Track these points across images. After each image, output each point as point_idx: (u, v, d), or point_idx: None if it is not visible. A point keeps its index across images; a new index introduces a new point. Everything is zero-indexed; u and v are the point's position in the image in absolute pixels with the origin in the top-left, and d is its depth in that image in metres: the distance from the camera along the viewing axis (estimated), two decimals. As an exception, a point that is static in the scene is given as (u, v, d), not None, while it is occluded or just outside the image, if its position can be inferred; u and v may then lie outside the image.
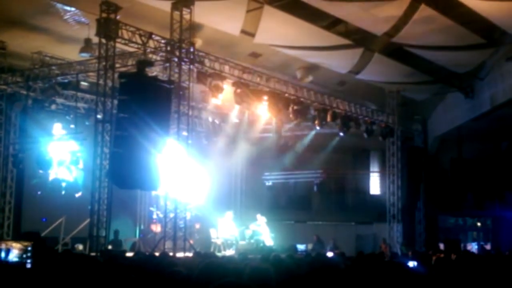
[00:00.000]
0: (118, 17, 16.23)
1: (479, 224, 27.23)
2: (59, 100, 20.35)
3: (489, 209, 25.12)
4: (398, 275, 6.32)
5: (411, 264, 11.29)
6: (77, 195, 21.09)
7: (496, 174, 23.38)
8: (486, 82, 21.48)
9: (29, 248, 13.69)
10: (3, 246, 14.80)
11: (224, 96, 19.11)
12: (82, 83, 20.20)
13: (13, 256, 14.18)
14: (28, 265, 13.41)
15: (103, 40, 16.28)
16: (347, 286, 5.56)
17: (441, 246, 21.26)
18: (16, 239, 16.81)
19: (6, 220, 20.03)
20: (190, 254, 15.65)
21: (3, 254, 14.28)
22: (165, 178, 16.91)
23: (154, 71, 18.04)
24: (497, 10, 17.07)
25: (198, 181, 21.85)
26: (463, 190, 24.13)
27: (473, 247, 25.89)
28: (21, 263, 13.44)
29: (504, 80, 20.51)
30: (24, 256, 13.83)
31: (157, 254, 12.41)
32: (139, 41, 16.90)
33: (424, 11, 16.86)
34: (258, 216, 21.75)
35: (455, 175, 24.48)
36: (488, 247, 25.34)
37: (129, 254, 15.48)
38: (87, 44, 17.97)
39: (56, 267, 8.63)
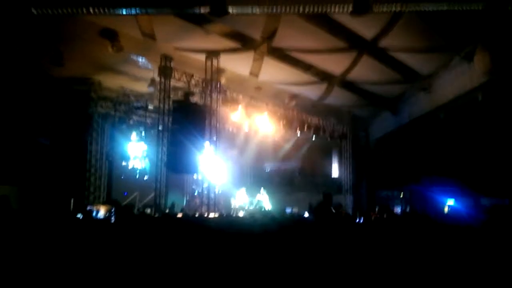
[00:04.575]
0: (172, 64, 16.39)
1: (401, 195, 27.01)
2: (135, 117, 20.42)
3: (407, 185, 24.91)
4: (349, 226, 6.39)
5: (358, 220, 11.37)
6: (145, 178, 21.13)
7: (413, 163, 23.16)
8: (407, 104, 21.41)
9: (113, 210, 13.63)
10: (95, 208, 14.82)
11: (239, 114, 19.24)
12: (149, 106, 20.31)
13: (101, 215, 14.17)
14: (112, 220, 13.39)
15: (162, 79, 16.43)
16: (314, 232, 5.63)
17: (377, 209, 21.13)
18: (103, 204, 16.81)
19: (102, 194, 20.15)
20: (217, 215, 15.71)
21: (94, 213, 14.29)
22: (202, 167, 17.02)
23: (195, 99, 18.16)
24: (412, 59, 17.14)
25: (222, 168, 21.86)
26: (391, 173, 23.97)
27: (397, 210, 25.77)
28: (106, 219, 13.42)
29: (417, 102, 20.48)
30: (107, 215, 13.78)
31: (196, 215, 12.49)
32: (185, 79, 17.05)
33: (366, 59, 16.92)
34: (261, 190, 21.74)
35: (386, 164, 24.36)
36: (407, 210, 25.17)
37: (179, 215, 15.53)
38: (152, 82, 18.08)
39: (131, 222, 8.72)
